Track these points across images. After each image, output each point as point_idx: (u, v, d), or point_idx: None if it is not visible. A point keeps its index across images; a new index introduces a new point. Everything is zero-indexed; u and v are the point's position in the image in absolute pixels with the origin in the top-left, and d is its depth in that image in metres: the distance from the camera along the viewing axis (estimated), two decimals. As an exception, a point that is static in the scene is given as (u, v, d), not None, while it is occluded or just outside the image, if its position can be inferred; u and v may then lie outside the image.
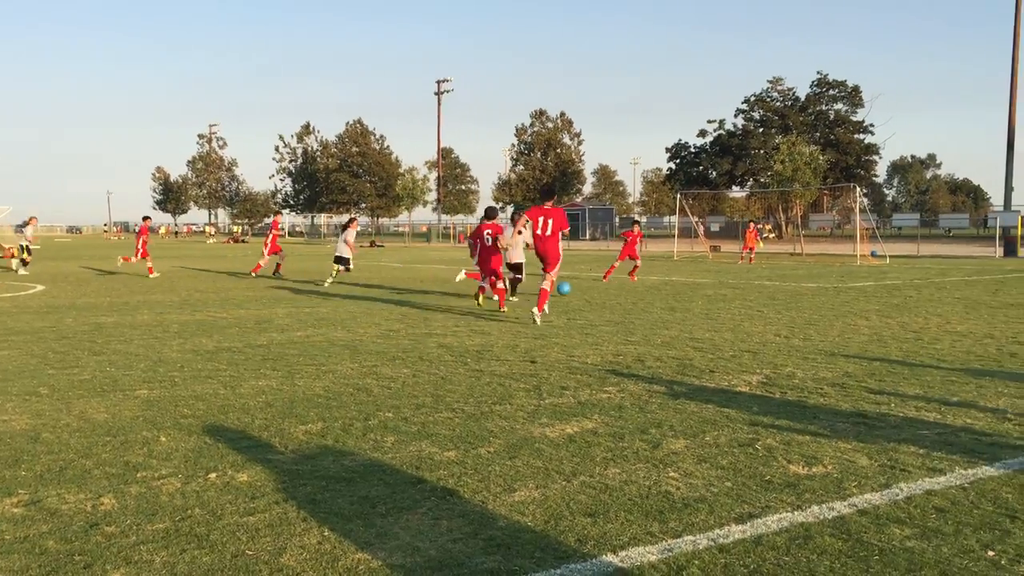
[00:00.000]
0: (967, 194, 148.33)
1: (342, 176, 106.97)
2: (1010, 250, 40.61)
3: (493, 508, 4.71)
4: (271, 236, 25.82)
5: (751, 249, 35.29)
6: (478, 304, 15.57)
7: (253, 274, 25.38)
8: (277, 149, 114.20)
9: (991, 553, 4.07)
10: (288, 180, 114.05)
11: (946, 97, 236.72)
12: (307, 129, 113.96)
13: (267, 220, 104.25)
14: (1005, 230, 42.29)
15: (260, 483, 5.17)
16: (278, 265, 25.70)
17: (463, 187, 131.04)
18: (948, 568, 3.90)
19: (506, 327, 12.71)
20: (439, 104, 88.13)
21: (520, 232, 15.53)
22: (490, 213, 16.34)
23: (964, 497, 4.87)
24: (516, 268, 16.89)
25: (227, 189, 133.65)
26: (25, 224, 30.93)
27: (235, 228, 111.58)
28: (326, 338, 11.57)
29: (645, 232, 63.78)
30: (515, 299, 16.61)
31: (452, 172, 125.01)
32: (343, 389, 8.03)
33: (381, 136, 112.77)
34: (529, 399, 7.57)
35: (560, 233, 13.69)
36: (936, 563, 3.95)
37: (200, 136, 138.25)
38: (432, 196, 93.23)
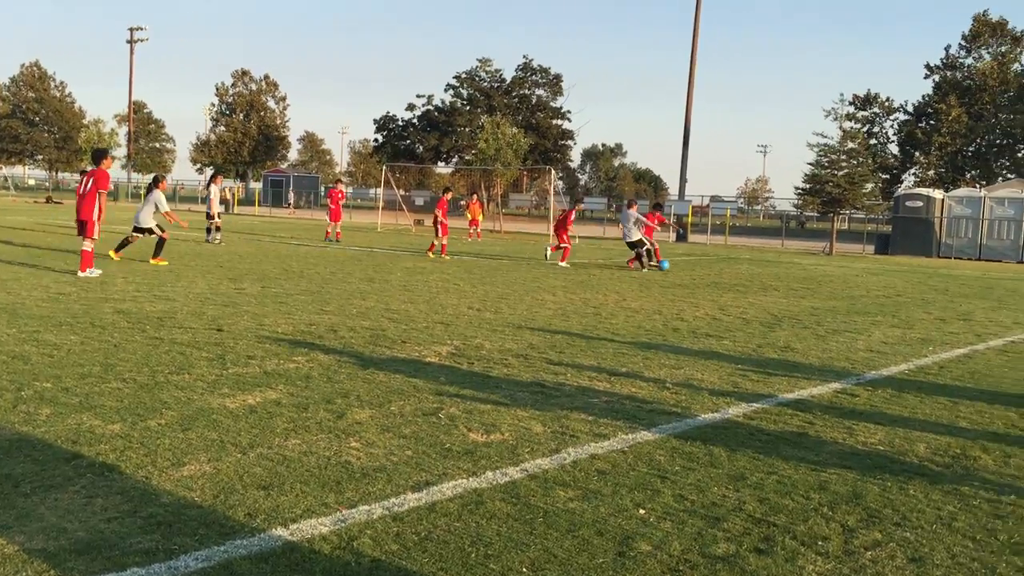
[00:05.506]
0: (649, 183, 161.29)
1: (14, 123, 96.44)
2: (681, 236, 44.70)
3: (158, 484, 4.40)
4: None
5: (477, 224, 34.69)
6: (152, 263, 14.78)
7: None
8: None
9: (642, 511, 4.39)
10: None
11: (632, 92, 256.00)
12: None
13: None
14: (679, 217, 46.50)
15: None
16: (338, 233, 28.49)
17: (157, 145, 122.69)
18: (604, 527, 4.16)
19: (192, 293, 12.02)
20: (132, 53, 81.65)
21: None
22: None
23: (623, 460, 5.24)
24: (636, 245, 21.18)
25: None
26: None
27: None
28: (-20, 300, 10.30)
29: (349, 203, 63.03)
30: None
31: (145, 128, 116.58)
32: (-6, 357, 7.17)
33: (62, 83, 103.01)
34: (211, 369, 7.19)
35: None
36: (594, 522, 4.20)
37: None
38: (121, 152, 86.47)
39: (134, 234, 16.80)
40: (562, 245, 22.08)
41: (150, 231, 16.67)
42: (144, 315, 9.85)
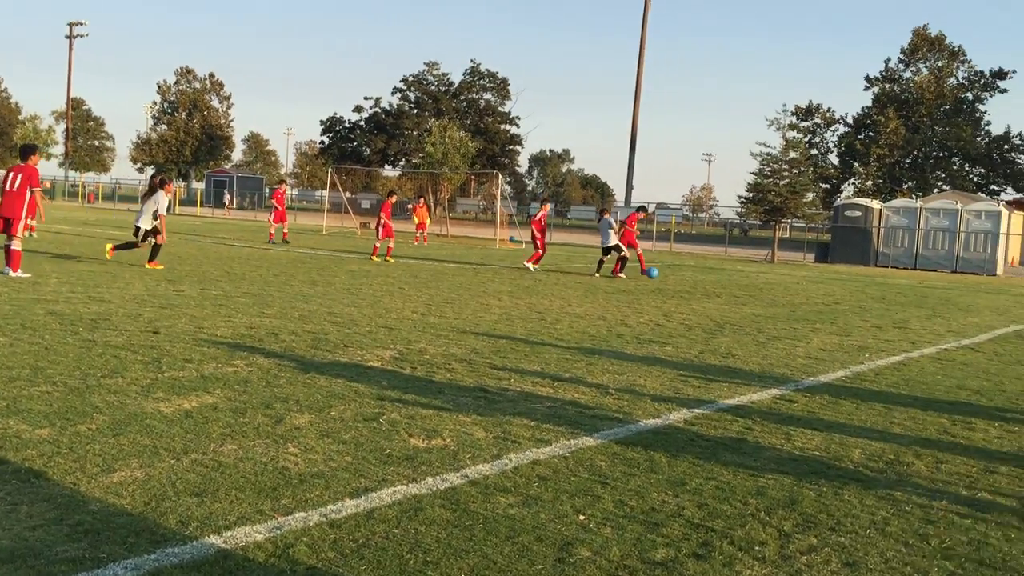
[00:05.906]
0: (596, 189, 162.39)
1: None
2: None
3: (86, 491, 4.27)
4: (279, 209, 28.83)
5: (424, 228, 34.35)
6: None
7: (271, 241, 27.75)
8: None
9: (582, 517, 4.39)
10: None
11: (580, 99, 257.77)
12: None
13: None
14: (622, 224, 46.85)
15: None
16: (284, 233, 28.62)
17: (96, 143, 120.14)
18: (543, 532, 4.14)
19: (129, 295, 11.76)
20: (71, 49, 79.95)
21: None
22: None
23: (564, 465, 5.24)
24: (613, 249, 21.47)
25: None
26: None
27: None
28: (-95, 300, 9.96)
29: (294, 205, 62.25)
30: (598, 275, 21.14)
31: (84, 125, 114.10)
32: (-83, 359, 6.93)
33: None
34: (146, 372, 7.02)
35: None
36: (534, 528, 4.19)
37: None
38: (59, 149, 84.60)
39: (144, 239, 16.18)
40: (535, 247, 22.27)
41: (153, 232, 16.09)
42: (78, 316, 9.60)
